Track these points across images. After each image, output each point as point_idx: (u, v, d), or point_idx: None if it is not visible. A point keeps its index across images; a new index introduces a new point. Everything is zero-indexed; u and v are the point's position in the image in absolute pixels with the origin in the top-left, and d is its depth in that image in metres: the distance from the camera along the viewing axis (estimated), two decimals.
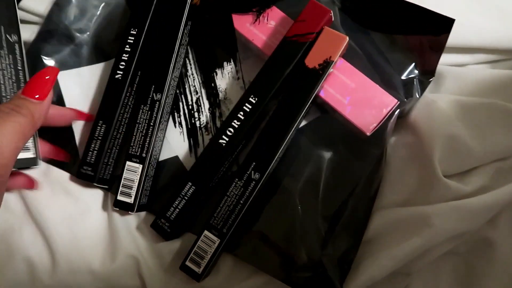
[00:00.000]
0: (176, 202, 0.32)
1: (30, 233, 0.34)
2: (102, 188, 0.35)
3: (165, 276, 0.33)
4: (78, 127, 0.36)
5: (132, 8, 0.37)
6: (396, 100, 0.32)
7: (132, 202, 0.32)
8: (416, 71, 0.35)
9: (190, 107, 0.36)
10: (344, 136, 0.35)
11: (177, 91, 0.36)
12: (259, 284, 0.33)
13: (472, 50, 0.35)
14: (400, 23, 0.35)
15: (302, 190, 0.34)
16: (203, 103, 0.36)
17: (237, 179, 0.31)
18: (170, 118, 0.36)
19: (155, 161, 0.34)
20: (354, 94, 0.33)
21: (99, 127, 0.34)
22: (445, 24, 0.33)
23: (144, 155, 0.33)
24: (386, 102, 0.32)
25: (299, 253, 0.33)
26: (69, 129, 0.35)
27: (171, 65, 0.33)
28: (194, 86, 0.36)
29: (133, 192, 0.32)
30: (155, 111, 0.33)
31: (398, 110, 0.33)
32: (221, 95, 0.36)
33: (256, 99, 0.31)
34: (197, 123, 0.36)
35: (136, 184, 0.32)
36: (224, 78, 0.36)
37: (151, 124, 0.33)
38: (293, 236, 0.33)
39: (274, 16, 0.35)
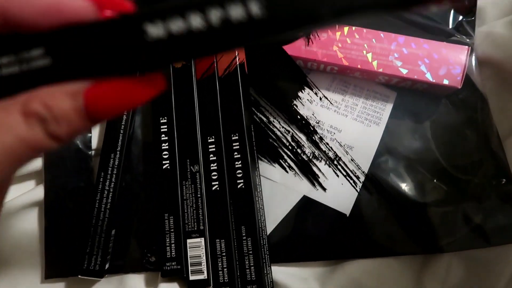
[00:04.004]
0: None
1: None
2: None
3: None
4: None
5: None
6: (467, 47, 0.34)
7: (206, 278, 0.33)
8: (460, 16, 0.37)
9: (290, 147, 0.36)
10: (434, 99, 0.36)
11: (270, 140, 0.36)
12: None
13: None
14: None
15: (412, 165, 0.35)
16: (299, 137, 0.36)
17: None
18: (278, 166, 0.36)
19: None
20: (427, 60, 0.35)
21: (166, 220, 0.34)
22: None
23: (202, 227, 0.33)
24: (459, 51, 0.34)
25: None
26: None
27: (198, 136, 0.35)
28: (283, 127, 0.36)
29: (203, 268, 0.33)
30: (198, 182, 0.34)
31: (471, 50, 0.35)
32: (312, 122, 0.36)
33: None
34: (304, 157, 0.36)
35: (204, 258, 0.33)
36: (305, 106, 0.37)
37: (199, 195, 0.34)
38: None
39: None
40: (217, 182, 0.34)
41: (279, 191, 0.35)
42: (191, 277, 0.33)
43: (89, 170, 0.36)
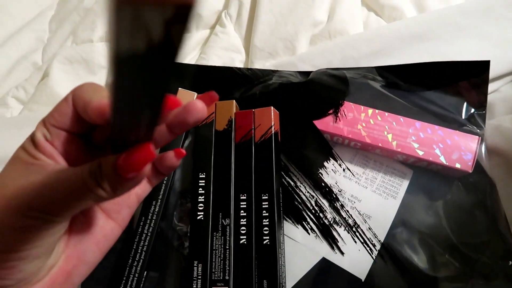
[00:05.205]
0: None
1: None
2: None
3: None
4: None
5: (195, 155, 0.42)
6: (478, 136, 0.39)
7: None
8: (472, 108, 0.42)
9: (313, 211, 0.40)
10: (447, 180, 0.40)
11: (295, 202, 0.40)
12: None
13: (499, 77, 0.44)
14: (443, 78, 0.43)
15: (425, 240, 0.38)
16: (322, 202, 0.40)
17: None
18: (301, 227, 0.39)
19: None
20: (441, 145, 0.39)
21: (195, 267, 0.37)
22: (482, 66, 0.41)
23: (227, 277, 0.36)
24: (470, 140, 0.39)
25: None
26: None
27: (232, 192, 0.39)
28: (308, 192, 0.40)
29: None
30: (227, 235, 0.37)
31: (481, 140, 0.39)
32: (334, 190, 0.40)
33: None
34: (325, 221, 0.39)
35: None
36: (330, 175, 0.41)
37: (227, 247, 0.37)
38: None
39: (348, 109, 0.41)
40: (245, 237, 0.38)
41: (300, 251, 0.39)
42: None
43: None
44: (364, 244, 0.38)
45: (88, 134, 0.24)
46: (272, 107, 0.42)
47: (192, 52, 0.53)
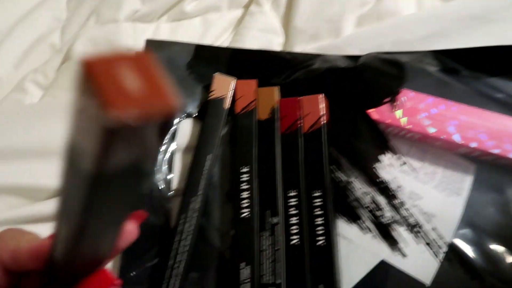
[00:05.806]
0: None
1: None
2: None
3: None
4: None
5: (235, 146, 0.38)
6: None
7: None
8: None
9: (369, 209, 0.36)
10: None
11: (348, 199, 0.37)
12: None
13: None
14: (510, 63, 0.39)
15: (496, 242, 0.35)
16: (379, 200, 0.36)
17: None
18: (355, 226, 0.36)
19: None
20: None
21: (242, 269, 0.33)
22: None
23: (279, 281, 0.33)
24: None
25: None
26: None
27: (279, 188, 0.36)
28: (362, 188, 0.37)
29: None
30: (277, 234, 0.34)
31: None
32: (392, 186, 0.37)
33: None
34: (383, 220, 0.36)
35: None
36: (386, 169, 0.37)
37: (277, 248, 0.34)
38: None
39: (407, 97, 0.37)
40: (297, 237, 0.34)
41: (355, 252, 0.35)
42: None
43: (167, 210, 0.37)
44: (428, 245, 0.35)
45: None
46: (321, 95, 0.38)
47: (224, 33, 0.49)
